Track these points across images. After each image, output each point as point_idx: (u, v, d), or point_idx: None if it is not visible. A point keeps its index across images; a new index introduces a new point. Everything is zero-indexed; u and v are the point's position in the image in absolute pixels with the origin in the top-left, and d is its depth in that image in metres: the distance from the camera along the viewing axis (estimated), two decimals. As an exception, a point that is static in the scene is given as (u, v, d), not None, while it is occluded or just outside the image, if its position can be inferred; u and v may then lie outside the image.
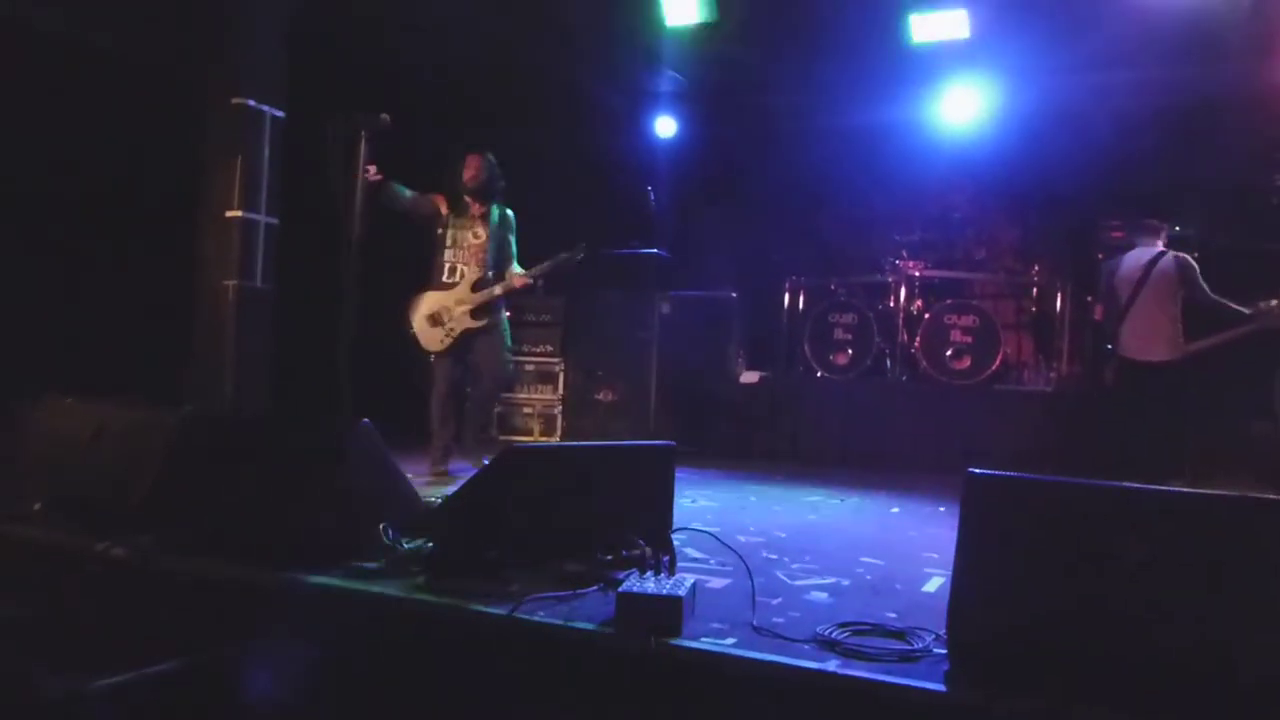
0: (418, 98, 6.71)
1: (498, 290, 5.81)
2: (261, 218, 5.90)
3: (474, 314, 5.75)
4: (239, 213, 5.79)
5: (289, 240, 6.11)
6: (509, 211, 6.00)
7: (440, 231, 5.86)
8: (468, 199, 5.86)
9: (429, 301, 5.81)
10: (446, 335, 5.77)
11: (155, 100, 6.04)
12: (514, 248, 6.00)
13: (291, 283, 6.15)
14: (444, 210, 5.86)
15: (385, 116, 4.33)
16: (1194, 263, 6.01)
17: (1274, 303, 5.82)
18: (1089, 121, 8.02)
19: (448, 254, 5.83)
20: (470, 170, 5.85)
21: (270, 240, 5.97)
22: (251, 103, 5.83)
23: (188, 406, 4.01)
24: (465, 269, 5.80)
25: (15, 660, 2.78)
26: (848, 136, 8.70)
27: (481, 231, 5.84)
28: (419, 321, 5.79)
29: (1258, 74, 7.08)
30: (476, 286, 5.77)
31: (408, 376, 7.96)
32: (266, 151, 5.92)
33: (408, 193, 5.77)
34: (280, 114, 5.99)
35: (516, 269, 5.91)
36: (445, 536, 3.24)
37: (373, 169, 5.09)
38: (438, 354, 5.83)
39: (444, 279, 5.82)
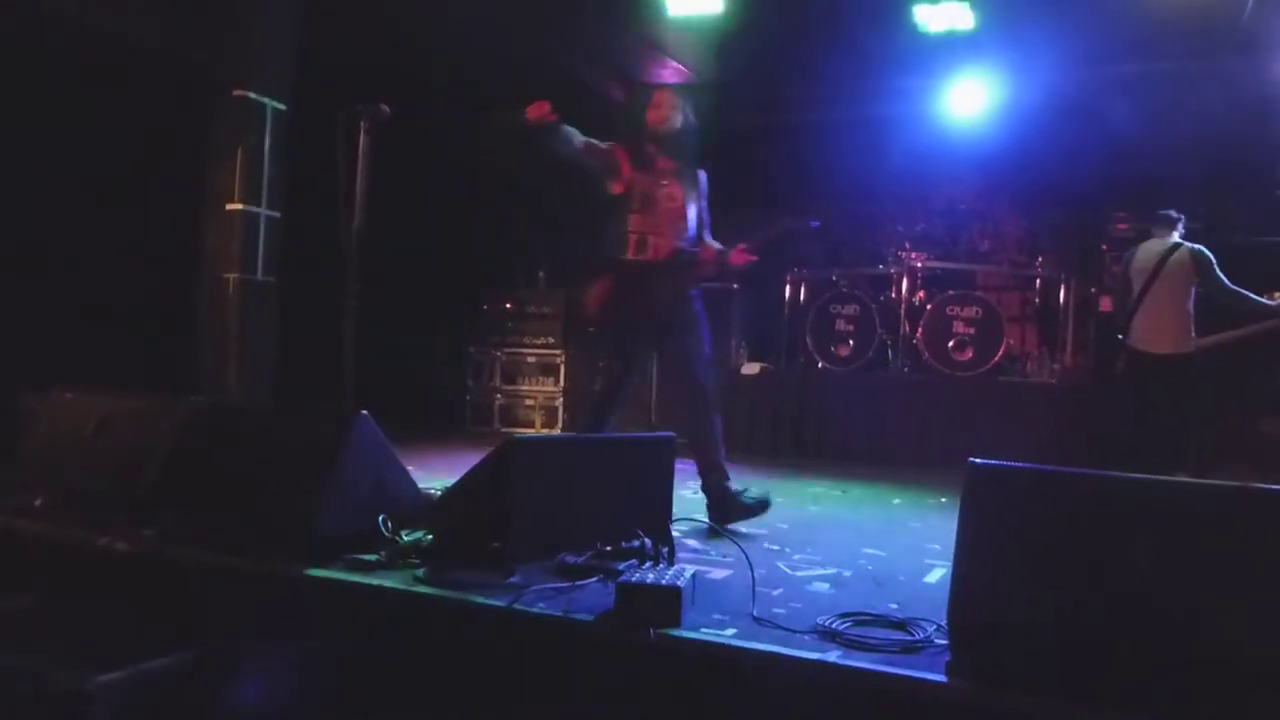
0: (419, 87, 6.68)
1: (711, 267, 4.63)
2: (262, 210, 5.89)
3: (677, 299, 4.48)
4: (239, 205, 5.78)
5: (292, 232, 6.09)
6: (701, 171, 4.74)
7: (621, 193, 4.56)
8: (652, 150, 4.58)
9: (616, 283, 4.54)
10: (642, 326, 4.52)
11: (159, 90, 6.03)
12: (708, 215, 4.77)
13: (295, 275, 6.14)
14: (625, 166, 4.55)
15: (385, 107, 4.31)
16: (1209, 255, 5.97)
17: None
18: (1095, 114, 8.00)
19: (633, 221, 4.49)
20: (659, 110, 4.59)
21: (272, 233, 5.96)
22: (252, 95, 5.81)
23: (195, 397, 4.00)
24: (658, 242, 4.49)
25: (20, 655, 2.77)
26: (852, 128, 8.68)
27: (676, 192, 4.54)
28: (604, 309, 4.57)
29: (1262, 69, 7.05)
30: (677, 262, 4.50)
31: (410, 369, 7.99)
32: (268, 144, 5.90)
33: (579, 139, 4.53)
34: (282, 106, 5.97)
35: (712, 242, 4.68)
36: (445, 529, 3.24)
37: (547, 106, 4.34)
38: (629, 352, 4.60)
39: (631, 254, 4.50)
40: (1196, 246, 6.03)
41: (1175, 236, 6.17)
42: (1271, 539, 2.19)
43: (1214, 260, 5.95)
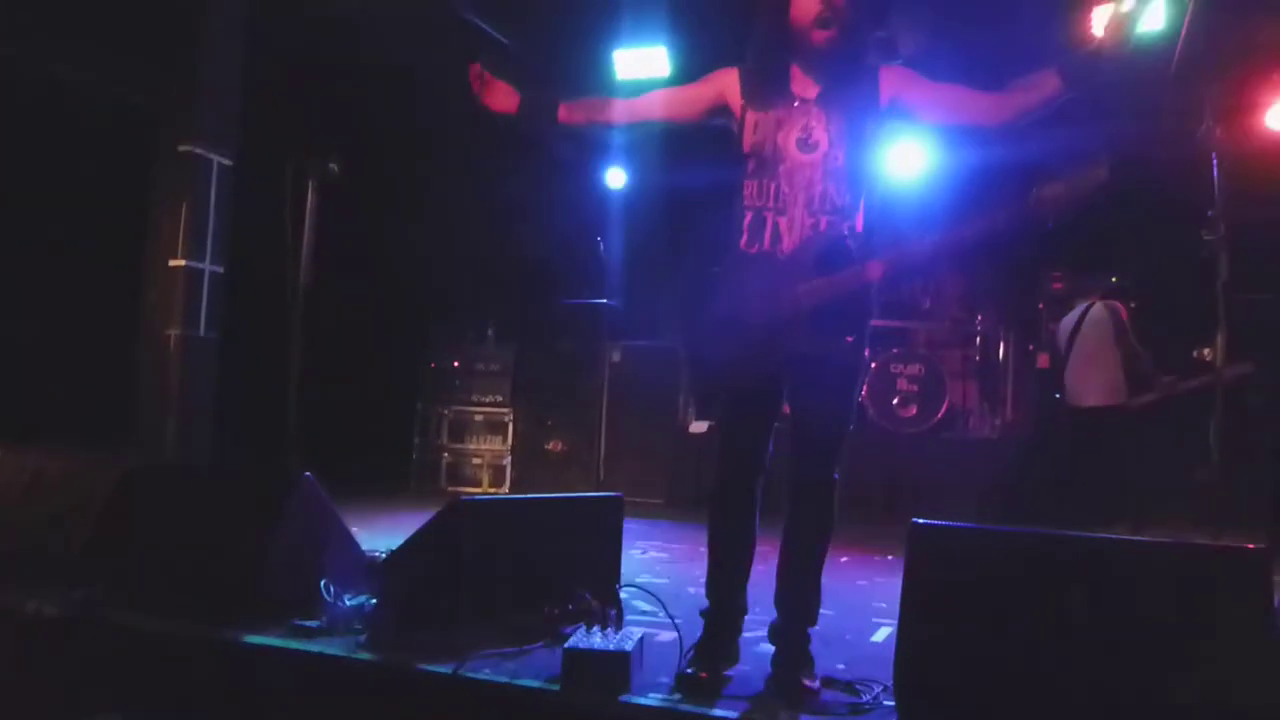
0: (371, 145, 6.68)
1: (881, 259, 2.77)
2: (206, 266, 5.82)
3: (817, 315, 2.74)
4: (182, 262, 5.72)
5: (237, 288, 6.02)
6: (892, 66, 2.88)
7: (746, 154, 2.84)
8: (793, 70, 2.84)
9: (729, 292, 2.86)
10: (762, 358, 2.82)
11: (104, 144, 5.97)
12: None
13: (238, 331, 6.06)
14: (735, 101, 2.87)
15: (334, 165, 4.30)
16: (1121, 310, 6.17)
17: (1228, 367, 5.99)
18: (1031, 175, 8.21)
19: (749, 191, 2.83)
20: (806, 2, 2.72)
21: (215, 289, 5.89)
22: (199, 150, 5.78)
23: (129, 456, 3.92)
24: (781, 221, 2.79)
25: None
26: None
27: (820, 132, 2.78)
28: (712, 332, 2.92)
29: (1186, 134, 7.31)
30: (822, 257, 2.75)
31: (355, 426, 7.88)
32: (213, 199, 5.86)
33: (609, 108, 3.09)
34: (228, 162, 5.94)
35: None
36: (389, 593, 3.19)
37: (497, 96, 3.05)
38: (735, 398, 3.06)
39: (745, 245, 2.84)
40: (1111, 302, 6.25)
41: (1095, 296, 6.39)
42: (1207, 592, 2.24)
43: (1123, 314, 6.13)
